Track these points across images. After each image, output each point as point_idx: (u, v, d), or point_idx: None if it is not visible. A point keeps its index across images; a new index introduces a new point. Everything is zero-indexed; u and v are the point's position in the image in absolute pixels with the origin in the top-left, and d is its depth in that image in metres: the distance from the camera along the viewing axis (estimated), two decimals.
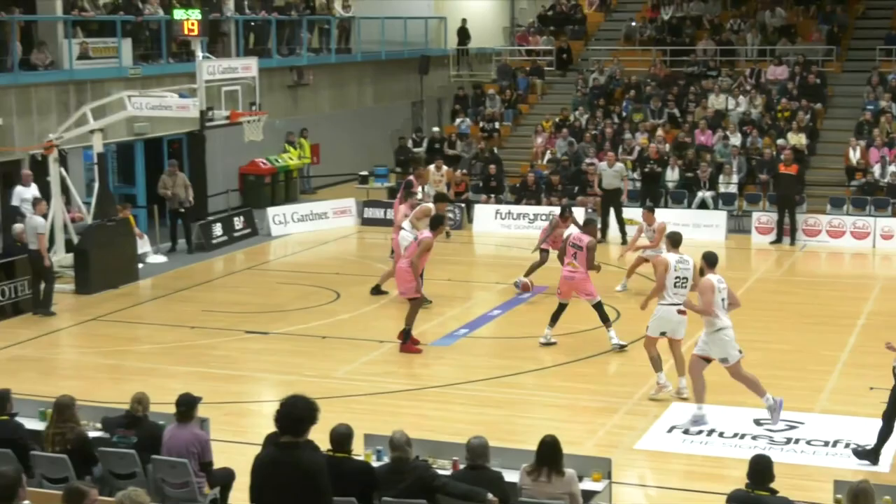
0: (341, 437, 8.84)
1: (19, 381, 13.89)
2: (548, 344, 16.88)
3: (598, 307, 16.70)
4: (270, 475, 7.61)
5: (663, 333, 14.18)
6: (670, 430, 13.37)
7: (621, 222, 24.92)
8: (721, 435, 13.22)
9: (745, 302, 19.62)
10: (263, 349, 17.19)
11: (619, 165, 25.68)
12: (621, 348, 16.54)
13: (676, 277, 13.92)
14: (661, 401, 14.30)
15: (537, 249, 20.14)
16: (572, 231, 18.18)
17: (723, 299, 13.09)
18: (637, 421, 13.66)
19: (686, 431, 13.27)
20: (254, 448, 10.34)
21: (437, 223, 16.98)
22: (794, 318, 18.87)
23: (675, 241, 14.47)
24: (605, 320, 16.70)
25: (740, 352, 13.15)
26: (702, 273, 13.32)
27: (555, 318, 16.87)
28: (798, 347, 16.97)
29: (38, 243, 19.05)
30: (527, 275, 20.13)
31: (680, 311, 13.97)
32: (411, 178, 23.10)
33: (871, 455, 12.22)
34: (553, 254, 19.81)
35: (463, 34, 37.77)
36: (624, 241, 23.92)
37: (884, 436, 12.13)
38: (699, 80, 32.68)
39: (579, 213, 25.96)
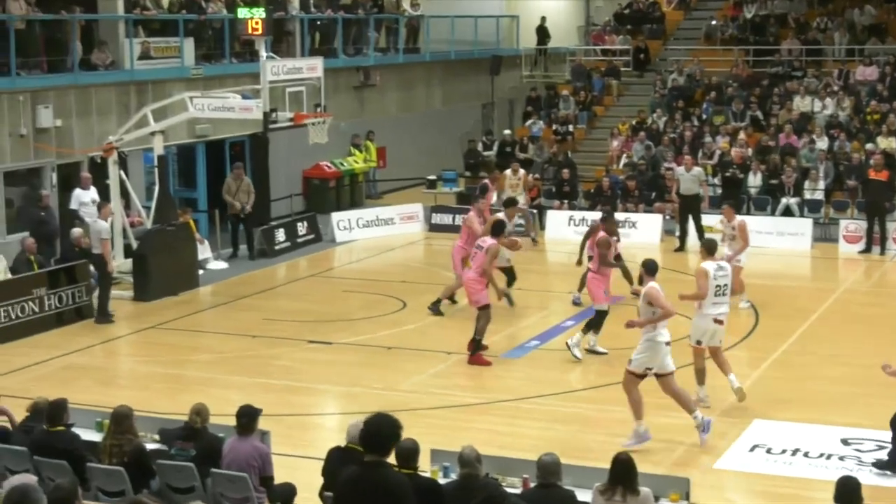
0: (407, 452, 8.54)
1: (76, 391, 13.93)
2: (592, 352, 16.68)
3: (598, 314, 16.57)
4: (354, 494, 7.56)
5: (699, 342, 14.14)
6: (752, 449, 13.09)
7: (700, 230, 24.20)
8: (806, 455, 12.91)
9: (832, 314, 19.77)
10: (327, 360, 17.01)
11: (696, 170, 25.10)
12: (572, 354, 16.42)
13: (717, 286, 14.00)
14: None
15: (581, 259, 19.30)
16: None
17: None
18: (717, 439, 13.24)
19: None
20: (316, 462, 10.55)
21: (499, 229, 16.88)
22: (885, 332, 18.22)
23: (710, 248, 14.49)
24: (589, 327, 16.58)
25: (648, 369, 12.94)
26: (641, 281, 13.27)
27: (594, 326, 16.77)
28: (888, 363, 16.10)
29: (101, 248, 18.94)
30: (580, 289, 19.53)
31: (716, 321, 14.05)
32: (486, 181, 22.61)
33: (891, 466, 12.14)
34: None
35: (542, 33, 37.68)
36: None
37: None
38: (784, 81, 32.23)
39: (656, 220, 25.63)
